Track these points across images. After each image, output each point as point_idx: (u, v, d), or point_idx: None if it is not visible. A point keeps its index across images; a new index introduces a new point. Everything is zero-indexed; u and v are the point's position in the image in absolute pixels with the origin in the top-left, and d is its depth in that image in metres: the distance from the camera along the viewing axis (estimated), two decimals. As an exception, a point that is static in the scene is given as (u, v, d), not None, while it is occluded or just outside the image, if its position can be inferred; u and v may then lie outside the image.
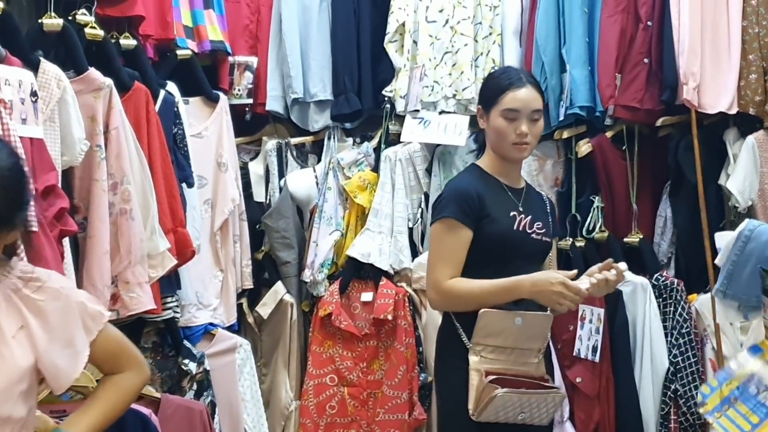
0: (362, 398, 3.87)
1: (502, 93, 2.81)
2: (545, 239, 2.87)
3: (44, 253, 2.43)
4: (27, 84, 2.52)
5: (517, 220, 2.80)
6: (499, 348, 2.70)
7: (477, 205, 2.77)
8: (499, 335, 2.69)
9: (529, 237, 2.82)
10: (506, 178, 2.88)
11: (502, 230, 2.77)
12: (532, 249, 2.84)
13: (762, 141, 3.67)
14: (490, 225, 2.77)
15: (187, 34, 3.69)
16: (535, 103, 2.82)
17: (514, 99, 2.80)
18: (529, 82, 2.86)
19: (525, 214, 2.83)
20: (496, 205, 2.79)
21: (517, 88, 2.81)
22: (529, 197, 2.91)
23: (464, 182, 2.88)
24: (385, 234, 3.89)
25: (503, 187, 2.86)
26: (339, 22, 4.07)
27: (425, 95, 3.97)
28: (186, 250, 3.19)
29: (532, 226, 2.83)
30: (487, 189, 2.82)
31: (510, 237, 2.78)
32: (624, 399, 3.63)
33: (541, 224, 2.86)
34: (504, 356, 2.70)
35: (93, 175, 2.84)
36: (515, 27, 4.02)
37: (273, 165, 4.07)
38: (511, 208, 2.82)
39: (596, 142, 3.84)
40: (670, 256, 3.87)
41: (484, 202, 2.78)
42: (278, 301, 3.93)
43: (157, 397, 3.02)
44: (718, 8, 3.69)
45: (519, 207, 2.83)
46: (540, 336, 2.76)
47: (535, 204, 2.92)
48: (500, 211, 2.79)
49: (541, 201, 2.98)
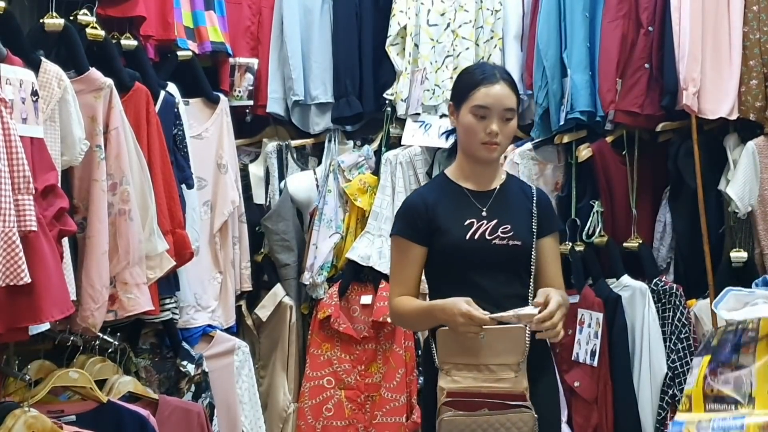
0: (360, 401, 3.87)
1: (474, 88, 2.68)
2: (513, 242, 2.69)
3: (43, 252, 2.43)
4: (28, 83, 2.52)
5: (474, 228, 2.67)
6: (469, 365, 2.56)
7: (425, 219, 2.69)
8: (465, 353, 2.55)
9: (489, 244, 2.67)
10: (474, 181, 2.75)
11: (452, 241, 2.67)
12: (493, 257, 2.66)
13: (762, 147, 3.66)
14: (441, 237, 2.68)
15: (188, 35, 3.70)
16: (507, 101, 2.68)
17: (486, 95, 2.66)
18: (503, 78, 2.71)
19: (489, 219, 2.69)
20: (450, 215, 2.69)
21: (490, 84, 2.68)
22: (502, 198, 2.75)
23: (414, 195, 2.83)
24: (385, 237, 3.88)
25: (466, 193, 2.73)
26: (340, 25, 4.08)
27: (426, 98, 3.97)
28: (185, 251, 3.19)
29: (495, 232, 2.68)
30: (444, 199, 2.72)
31: (462, 247, 2.66)
32: (622, 404, 3.62)
33: (509, 227, 2.69)
34: (475, 373, 2.56)
35: (92, 175, 2.84)
36: (516, 31, 4.02)
37: (273, 167, 4.07)
38: (470, 216, 2.69)
39: (596, 147, 3.83)
40: (669, 261, 3.86)
41: (435, 214, 2.69)
42: (277, 303, 3.93)
43: (155, 398, 3.03)
44: (719, 14, 3.69)
45: (482, 212, 2.70)
46: (513, 350, 2.57)
47: (511, 205, 2.76)
48: (453, 221, 2.68)
49: (522, 199, 2.79)
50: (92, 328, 2.80)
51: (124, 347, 3.12)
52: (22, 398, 2.69)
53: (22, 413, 2.57)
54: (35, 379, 2.79)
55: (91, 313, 2.77)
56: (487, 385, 2.55)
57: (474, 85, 2.70)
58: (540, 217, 2.77)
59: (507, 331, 2.56)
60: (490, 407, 2.53)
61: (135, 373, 3.18)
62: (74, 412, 2.82)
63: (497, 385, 2.55)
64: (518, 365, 2.57)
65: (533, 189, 2.86)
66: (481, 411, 2.53)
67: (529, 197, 2.80)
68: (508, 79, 2.75)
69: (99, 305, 2.78)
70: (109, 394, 2.89)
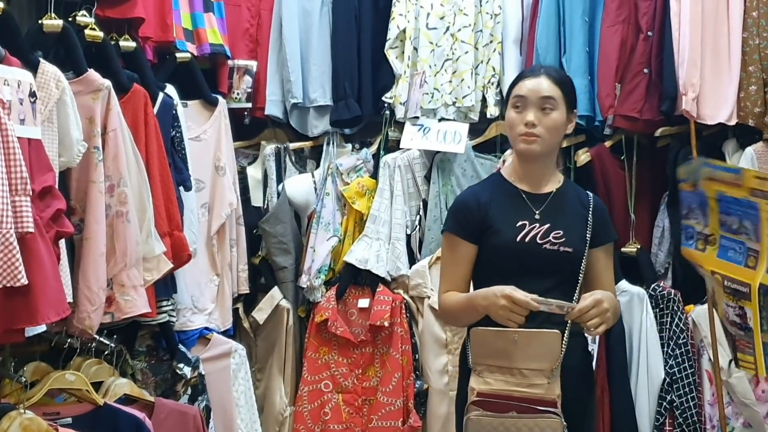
0: (357, 405, 3.86)
1: (515, 84, 2.72)
2: (564, 249, 2.65)
3: (40, 254, 2.42)
4: (26, 84, 2.51)
5: (525, 230, 2.65)
6: (502, 368, 2.55)
7: (477, 217, 2.67)
8: (497, 355, 2.55)
9: (540, 248, 2.64)
10: (528, 182, 2.73)
11: (502, 241, 2.65)
12: (542, 261, 2.63)
13: (761, 152, 3.67)
14: (492, 237, 2.66)
15: (187, 37, 3.69)
16: (544, 90, 2.65)
17: (522, 87, 2.68)
18: (546, 73, 2.71)
19: (541, 223, 2.66)
20: (503, 215, 2.67)
21: (529, 77, 2.71)
22: (557, 203, 2.72)
23: (468, 193, 2.81)
24: (383, 240, 3.88)
25: (521, 194, 2.72)
26: (340, 28, 4.07)
27: (425, 102, 3.97)
28: (182, 253, 3.18)
29: (546, 236, 2.65)
30: (498, 197, 2.70)
31: (511, 249, 2.63)
32: (620, 409, 3.62)
33: (562, 232, 2.66)
34: (507, 377, 2.54)
35: (90, 176, 2.83)
36: (516, 35, 4.03)
37: (271, 170, 4.06)
38: (522, 218, 2.67)
39: (595, 152, 3.84)
40: (667, 266, 3.87)
41: (488, 213, 2.67)
42: (274, 306, 3.92)
43: (150, 401, 3.02)
44: (719, 19, 3.69)
45: (535, 215, 2.68)
46: (547, 355, 2.53)
47: (566, 210, 2.72)
48: (506, 221, 2.66)
49: (578, 206, 2.75)
50: (89, 330, 2.79)
51: (120, 349, 3.11)
52: (17, 400, 2.67)
53: (18, 415, 2.56)
54: (31, 381, 2.78)
55: (87, 315, 2.76)
56: (519, 389, 2.54)
57: (516, 81, 2.73)
58: (595, 226, 2.74)
59: (541, 335, 2.54)
60: (519, 410, 2.51)
61: (131, 375, 3.17)
62: (70, 414, 2.81)
63: (529, 390, 2.53)
64: (551, 372, 2.54)
65: (590, 196, 2.82)
66: (509, 413, 2.51)
67: (585, 204, 2.77)
68: (553, 74, 2.72)
69: (96, 307, 2.77)
70: (105, 397, 2.88)
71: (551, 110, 2.66)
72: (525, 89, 2.67)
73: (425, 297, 3.84)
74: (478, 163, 3.96)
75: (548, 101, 2.65)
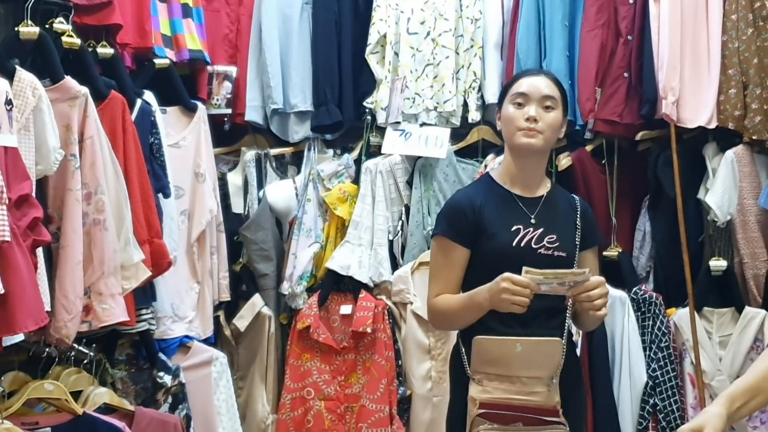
0: (339, 412, 3.84)
1: (514, 82, 2.72)
2: (558, 254, 2.65)
3: (17, 263, 2.40)
4: (2, 92, 2.50)
5: (521, 235, 2.64)
6: (501, 376, 2.54)
7: (471, 221, 2.65)
8: (499, 363, 2.54)
9: (535, 253, 2.62)
10: (521, 186, 2.71)
11: (498, 246, 2.63)
12: (536, 266, 2.55)
13: (741, 156, 3.68)
14: (487, 241, 2.64)
15: (166, 43, 3.67)
16: (546, 89, 2.67)
17: (523, 84, 2.69)
18: (545, 73, 2.77)
19: (536, 227, 2.65)
20: (498, 219, 2.65)
21: (529, 76, 2.72)
22: (549, 206, 2.71)
23: (461, 196, 2.78)
24: (365, 246, 3.87)
25: (514, 198, 2.70)
26: (320, 33, 4.05)
27: (406, 107, 3.97)
28: (162, 261, 3.16)
29: (541, 241, 2.64)
30: (491, 201, 2.68)
31: (507, 253, 2.60)
32: (602, 413, 3.61)
33: (555, 237, 2.65)
34: (507, 385, 2.53)
35: (67, 184, 2.80)
36: (496, 40, 4.03)
37: (252, 176, 4.04)
38: (516, 222, 2.65)
39: (576, 156, 3.84)
40: (648, 270, 3.87)
41: (482, 217, 2.65)
42: (256, 313, 3.90)
43: (131, 409, 3.00)
44: (698, 23, 3.71)
45: (530, 219, 2.66)
46: (547, 363, 2.54)
47: (557, 214, 2.72)
48: (501, 225, 2.64)
49: (567, 209, 2.76)
50: (66, 339, 2.76)
51: (99, 358, 3.09)
52: (-5, 410, 2.65)
53: (-4, 426, 2.54)
54: (9, 391, 2.76)
55: (64, 324, 2.73)
56: (518, 397, 2.53)
57: (515, 80, 2.74)
58: (584, 229, 2.74)
59: (543, 344, 2.55)
60: (525, 422, 2.50)
61: (111, 384, 3.15)
62: (49, 424, 2.79)
63: (528, 398, 2.53)
64: (551, 379, 2.55)
65: (577, 200, 2.83)
66: (515, 425, 2.50)
67: (573, 208, 2.77)
68: (552, 76, 2.76)
69: (72, 316, 2.75)
70: (84, 406, 2.86)
71: (552, 109, 2.68)
72: (527, 86, 2.68)
73: (408, 303, 3.83)
74: (460, 167, 3.96)
75: (549, 100, 2.67)
